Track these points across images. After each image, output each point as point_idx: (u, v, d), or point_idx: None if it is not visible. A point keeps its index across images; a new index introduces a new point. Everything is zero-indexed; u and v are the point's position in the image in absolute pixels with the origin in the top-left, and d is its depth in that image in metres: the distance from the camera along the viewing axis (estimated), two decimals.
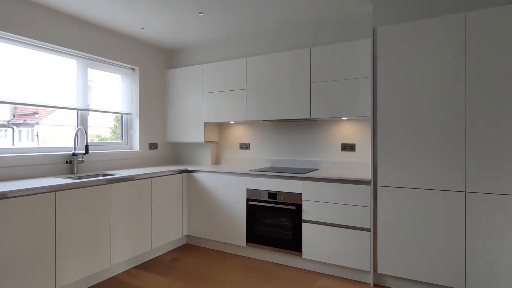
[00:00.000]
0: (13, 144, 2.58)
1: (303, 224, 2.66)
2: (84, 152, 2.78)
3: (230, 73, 3.31)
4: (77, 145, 2.92)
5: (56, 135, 2.92)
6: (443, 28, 2.15)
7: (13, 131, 2.56)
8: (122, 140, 3.50)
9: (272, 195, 2.81)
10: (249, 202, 2.91)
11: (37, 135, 2.71)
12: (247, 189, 2.94)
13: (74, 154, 2.75)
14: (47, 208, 2.06)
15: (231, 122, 3.62)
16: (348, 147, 3.01)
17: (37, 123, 2.69)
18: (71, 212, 2.21)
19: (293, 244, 2.71)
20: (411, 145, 2.25)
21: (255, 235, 2.89)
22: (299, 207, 2.68)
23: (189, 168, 3.31)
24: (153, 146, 3.68)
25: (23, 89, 2.57)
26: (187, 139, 3.64)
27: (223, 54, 3.67)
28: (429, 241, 2.19)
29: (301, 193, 2.67)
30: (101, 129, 3.36)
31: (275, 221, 2.80)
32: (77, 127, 2.95)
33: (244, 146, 3.60)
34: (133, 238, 2.69)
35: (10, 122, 2.56)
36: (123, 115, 3.51)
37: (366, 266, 2.41)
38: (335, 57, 2.76)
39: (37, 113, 2.69)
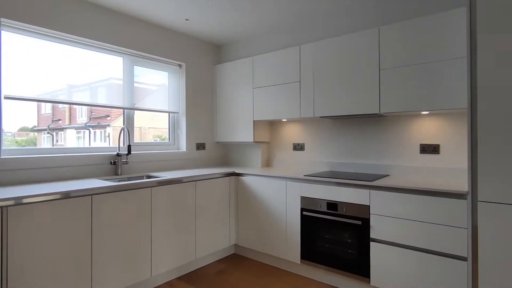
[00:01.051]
0: (89, 144, 2.74)
1: (371, 244, 2.16)
2: (127, 152, 2.64)
3: (282, 64, 2.93)
4: (122, 145, 2.81)
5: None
6: None
7: (90, 132, 2.73)
8: (169, 140, 3.35)
9: (332, 205, 2.36)
10: (304, 213, 2.49)
11: (109, 136, 2.83)
12: (301, 197, 2.52)
13: (118, 155, 2.63)
14: (83, 213, 1.91)
15: (283, 120, 3.23)
16: (430, 149, 2.41)
17: (108, 125, 2.86)
18: (108, 217, 2.04)
19: (359, 266, 2.22)
20: None
21: (310, 252, 2.47)
22: (366, 222, 2.19)
23: (237, 170, 3.01)
24: (200, 146, 3.47)
25: (68, 87, 2.52)
26: (235, 139, 3.36)
27: (274, 43, 3.30)
28: None
29: (369, 205, 2.18)
30: (159, 130, 3.32)
31: (335, 237, 2.34)
32: (123, 126, 2.85)
33: (298, 147, 3.18)
34: (176, 246, 2.47)
35: (87, 124, 2.72)
36: (170, 114, 3.36)
37: None
38: (411, 36, 2.21)
39: (108, 116, 2.86)
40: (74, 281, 1.87)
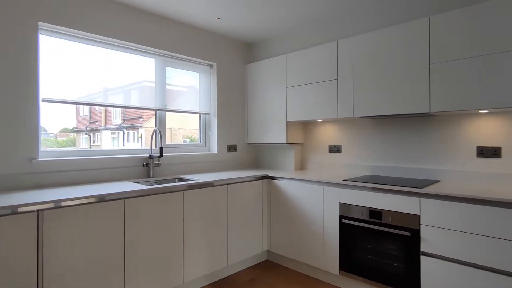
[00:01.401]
0: (123, 145, 2.79)
1: (422, 258, 1.94)
2: (159, 155, 2.61)
3: (318, 62, 2.76)
4: (154, 147, 2.79)
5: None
6: None
7: (123, 133, 2.77)
8: (200, 141, 3.30)
9: (375, 214, 2.16)
10: (343, 221, 2.31)
11: (141, 137, 2.85)
12: (340, 203, 2.35)
13: (150, 157, 2.60)
14: (116, 217, 1.87)
15: (318, 121, 3.06)
16: (489, 152, 2.14)
17: (140, 126, 2.89)
18: (141, 221, 1.99)
19: (406, 282, 2.01)
20: None
21: (351, 263, 2.28)
22: (415, 233, 1.97)
23: (270, 174, 2.88)
24: (231, 148, 3.39)
25: (100, 89, 2.53)
26: (268, 140, 3.23)
27: (308, 40, 3.13)
28: None
29: (419, 215, 1.96)
30: (188, 131, 3.30)
31: (379, 248, 2.14)
32: (155, 128, 2.82)
33: (335, 149, 2.99)
34: (208, 252, 2.39)
35: (121, 125, 2.77)
36: (201, 115, 3.30)
37: None
38: (469, 26, 1.96)
39: (141, 118, 2.90)
40: (107, 286, 1.83)
